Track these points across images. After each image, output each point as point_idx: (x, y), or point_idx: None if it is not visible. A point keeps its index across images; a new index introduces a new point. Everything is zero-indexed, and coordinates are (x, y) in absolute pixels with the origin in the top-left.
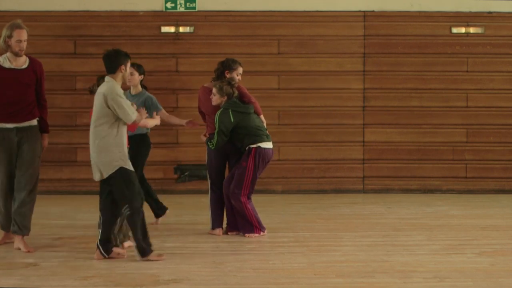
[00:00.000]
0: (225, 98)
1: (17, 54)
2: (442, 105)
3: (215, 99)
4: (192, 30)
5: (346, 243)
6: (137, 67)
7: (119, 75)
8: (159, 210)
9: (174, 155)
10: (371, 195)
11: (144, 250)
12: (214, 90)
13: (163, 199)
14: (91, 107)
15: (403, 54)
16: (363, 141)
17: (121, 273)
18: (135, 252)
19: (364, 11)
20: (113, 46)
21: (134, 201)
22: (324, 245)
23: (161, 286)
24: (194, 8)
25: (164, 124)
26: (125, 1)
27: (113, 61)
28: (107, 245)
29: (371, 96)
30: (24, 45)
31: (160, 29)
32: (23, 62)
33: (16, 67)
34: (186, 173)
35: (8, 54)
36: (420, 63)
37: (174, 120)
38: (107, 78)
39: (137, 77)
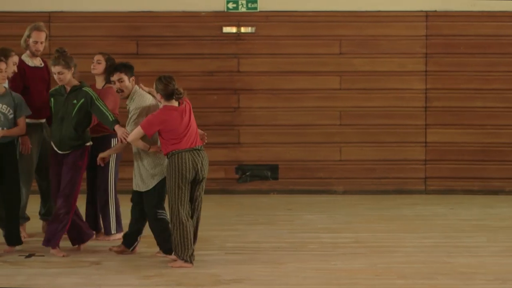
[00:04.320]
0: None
1: (33, 54)
2: (506, 106)
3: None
4: (253, 30)
5: (407, 244)
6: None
7: None
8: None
9: (236, 155)
10: (433, 196)
11: None
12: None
13: (224, 199)
14: None
15: (465, 54)
16: (425, 142)
17: (182, 272)
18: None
19: (426, 11)
20: (175, 47)
21: None
22: (385, 246)
23: (222, 286)
24: (256, 8)
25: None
26: (186, 1)
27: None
28: None
29: (433, 97)
30: (40, 46)
31: (221, 29)
32: (39, 61)
33: (37, 65)
34: (247, 173)
35: (28, 53)
36: (483, 63)
37: None
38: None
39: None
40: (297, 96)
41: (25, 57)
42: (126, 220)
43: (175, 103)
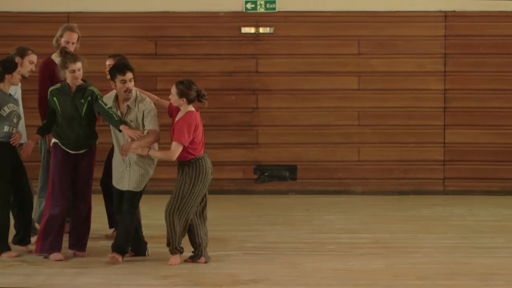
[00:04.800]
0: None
1: None
2: None
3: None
4: (272, 31)
5: (426, 245)
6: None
7: None
8: None
9: (254, 156)
10: (451, 196)
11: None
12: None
13: (243, 199)
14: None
15: (484, 54)
16: (444, 142)
17: (200, 272)
18: None
19: (445, 12)
20: (193, 47)
21: None
22: (403, 247)
23: (240, 286)
24: (274, 8)
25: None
26: (205, 2)
27: None
28: None
29: (451, 97)
30: (71, 46)
31: (240, 29)
32: None
33: None
34: (265, 174)
35: (58, 52)
36: (502, 63)
37: None
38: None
39: None
40: (315, 96)
41: (55, 57)
42: (146, 221)
43: (192, 108)
